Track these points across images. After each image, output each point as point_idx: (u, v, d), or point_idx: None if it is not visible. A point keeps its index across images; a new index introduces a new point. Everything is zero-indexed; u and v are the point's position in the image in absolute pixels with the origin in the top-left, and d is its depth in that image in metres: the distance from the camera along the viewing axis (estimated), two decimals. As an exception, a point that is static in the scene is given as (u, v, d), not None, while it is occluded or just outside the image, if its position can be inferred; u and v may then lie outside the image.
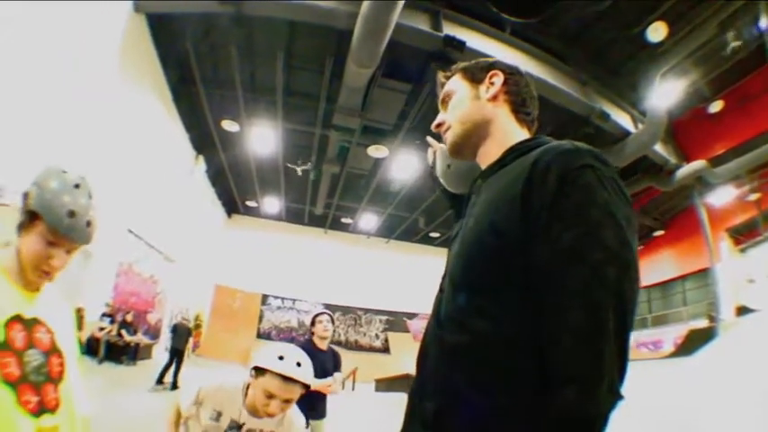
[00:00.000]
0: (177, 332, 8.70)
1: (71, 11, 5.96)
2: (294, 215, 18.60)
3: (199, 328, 15.47)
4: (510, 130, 0.95)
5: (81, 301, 7.36)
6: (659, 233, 15.81)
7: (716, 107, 10.91)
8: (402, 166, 11.85)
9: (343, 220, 18.32)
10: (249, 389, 1.62)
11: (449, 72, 1.07)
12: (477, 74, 1.00)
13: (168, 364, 8.15)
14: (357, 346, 18.80)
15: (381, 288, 19.21)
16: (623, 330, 0.65)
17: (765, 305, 9.76)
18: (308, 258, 18.74)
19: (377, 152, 11.41)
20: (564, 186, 0.70)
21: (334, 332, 3.57)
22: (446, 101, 1.04)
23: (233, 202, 17.67)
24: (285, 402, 1.53)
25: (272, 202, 16.93)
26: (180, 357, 8.31)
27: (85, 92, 6.41)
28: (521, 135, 0.95)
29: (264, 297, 18.57)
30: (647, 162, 11.18)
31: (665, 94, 8.84)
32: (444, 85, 1.06)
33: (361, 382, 14.08)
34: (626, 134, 9.78)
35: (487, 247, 0.77)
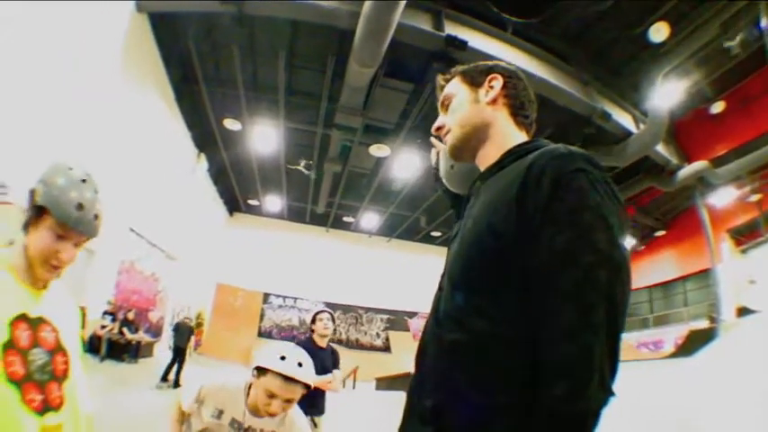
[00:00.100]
0: (179, 330, 8.76)
1: (74, 10, 5.96)
2: (296, 214, 18.60)
3: (200, 326, 15.50)
4: (508, 133, 0.96)
5: (83, 300, 7.39)
6: (661, 233, 15.77)
7: (717, 108, 10.87)
8: (404, 165, 11.83)
9: (345, 218, 18.32)
10: (251, 388, 1.63)
11: (448, 75, 1.07)
12: (477, 77, 1.01)
13: (172, 361, 8.22)
14: (358, 345, 18.81)
15: (382, 287, 19.21)
16: (614, 330, 0.66)
17: (766, 306, 9.72)
18: (309, 257, 18.74)
19: (378, 151, 11.41)
20: (557, 190, 0.72)
21: (334, 331, 3.60)
22: (446, 104, 1.05)
23: (235, 201, 17.69)
24: (286, 402, 1.54)
25: (273, 201, 16.93)
26: (182, 356, 8.36)
27: (88, 91, 6.42)
28: (519, 138, 0.96)
29: (266, 295, 18.59)
30: (648, 162, 11.17)
31: (666, 94, 8.80)
32: (444, 87, 1.07)
33: (362, 380, 14.06)
34: (628, 134, 9.76)
35: (486, 248, 0.78)
